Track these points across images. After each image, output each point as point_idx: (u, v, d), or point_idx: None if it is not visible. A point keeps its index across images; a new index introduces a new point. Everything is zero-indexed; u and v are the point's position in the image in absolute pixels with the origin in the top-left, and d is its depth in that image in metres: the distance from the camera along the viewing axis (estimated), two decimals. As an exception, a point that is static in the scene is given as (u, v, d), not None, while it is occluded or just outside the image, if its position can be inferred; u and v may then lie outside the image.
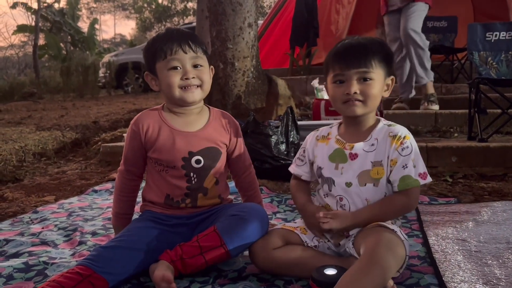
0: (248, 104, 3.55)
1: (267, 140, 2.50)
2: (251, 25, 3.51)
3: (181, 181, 1.38)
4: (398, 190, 1.21)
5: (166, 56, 1.34)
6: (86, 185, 2.59)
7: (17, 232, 1.74)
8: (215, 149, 1.42)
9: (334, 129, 1.35)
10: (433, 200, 2.01)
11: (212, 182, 1.41)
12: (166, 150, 1.37)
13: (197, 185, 1.39)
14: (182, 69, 1.35)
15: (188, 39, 1.36)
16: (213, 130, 1.42)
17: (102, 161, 3.24)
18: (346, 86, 1.23)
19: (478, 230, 1.58)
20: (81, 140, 4.09)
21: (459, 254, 1.37)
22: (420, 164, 1.22)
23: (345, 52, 1.25)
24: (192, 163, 1.38)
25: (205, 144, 1.40)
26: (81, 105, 7.59)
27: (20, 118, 5.75)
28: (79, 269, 1.16)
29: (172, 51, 1.33)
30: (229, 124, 1.47)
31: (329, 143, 1.33)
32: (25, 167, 3.29)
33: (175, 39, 1.34)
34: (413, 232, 1.60)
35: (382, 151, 1.23)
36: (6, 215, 2.06)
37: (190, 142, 1.38)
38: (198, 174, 1.39)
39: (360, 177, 1.23)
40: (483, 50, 3.07)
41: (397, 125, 1.27)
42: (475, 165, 2.58)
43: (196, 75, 1.36)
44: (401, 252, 1.10)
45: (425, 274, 1.23)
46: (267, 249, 1.25)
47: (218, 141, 1.42)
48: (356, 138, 1.28)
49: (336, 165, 1.28)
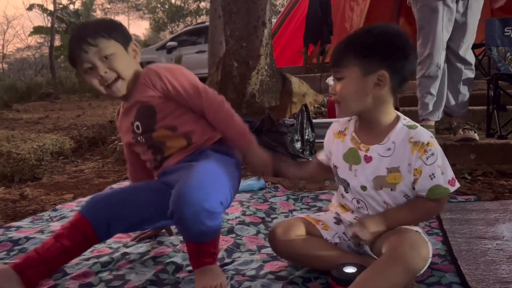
0: (262, 102, 3.55)
1: (282, 138, 2.50)
2: (265, 23, 3.51)
3: (139, 147, 1.43)
4: (427, 197, 1.15)
5: (76, 63, 1.33)
6: (103, 184, 2.62)
7: (37, 229, 1.77)
8: (143, 107, 1.36)
9: (352, 124, 1.27)
10: (453, 198, 1.98)
11: (162, 133, 1.36)
12: (122, 131, 1.48)
13: (149, 142, 1.38)
14: (94, 68, 1.31)
15: (85, 37, 1.30)
16: (139, 92, 1.37)
17: (119, 160, 3.27)
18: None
19: (500, 227, 1.55)
20: (97, 139, 4.14)
21: (481, 252, 1.35)
22: (448, 170, 1.14)
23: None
24: (136, 131, 1.39)
25: (136, 109, 1.38)
26: (97, 104, 7.69)
27: (38, 118, 5.84)
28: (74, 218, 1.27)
29: (77, 56, 1.31)
30: (151, 77, 1.36)
31: (344, 140, 1.26)
32: (43, 166, 3.34)
33: (74, 44, 1.31)
34: (433, 230, 1.58)
35: (400, 157, 1.13)
36: (27, 213, 2.09)
37: (128, 114, 1.41)
38: (144, 136, 1.38)
39: (375, 181, 1.17)
40: (502, 46, 3.01)
41: (419, 127, 1.16)
42: (494, 163, 2.53)
43: (108, 67, 1.31)
44: (425, 253, 1.06)
45: (446, 273, 1.21)
46: (289, 235, 1.24)
47: (145, 100, 1.35)
48: (371, 138, 1.19)
49: (350, 166, 1.22)
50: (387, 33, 1.15)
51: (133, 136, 1.41)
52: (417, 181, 1.13)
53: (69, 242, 1.23)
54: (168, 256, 1.41)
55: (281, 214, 1.87)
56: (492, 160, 2.54)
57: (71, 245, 1.24)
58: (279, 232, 1.25)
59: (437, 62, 2.62)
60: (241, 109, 3.46)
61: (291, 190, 2.24)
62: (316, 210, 1.90)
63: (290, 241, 1.23)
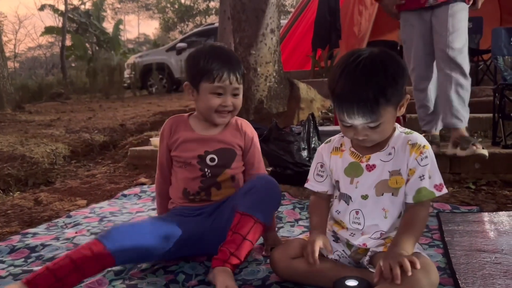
0: (270, 108, 3.61)
1: (289, 147, 2.54)
2: (273, 31, 3.56)
3: (196, 174, 1.51)
4: (413, 201, 1.19)
5: (213, 81, 1.44)
6: (115, 189, 2.69)
7: (53, 236, 1.84)
8: (230, 150, 1.55)
9: (347, 140, 1.30)
10: (455, 209, 2.02)
11: (226, 177, 1.53)
12: (185, 149, 1.53)
13: (211, 179, 1.51)
14: (223, 95, 1.47)
15: (236, 69, 1.47)
16: (229, 134, 1.56)
17: (130, 165, 3.35)
18: (355, 131, 1.18)
19: (500, 240, 1.59)
20: (109, 143, 4.23)
21: (479, 265, 1.38)
22: (437, 175, 1.19)
23: (347, 102, 1.12)
24: (206, 160, 1.51)
25: (220, 145, 1.53)
26: (107, 106, 7.79)
27: (50, 121, 5.95)
28: (92, 243, 1.27)
29: (221, 79, 1.44)
30: (245, 128, 1.59)
31: (343, 156, 1.29)
32: (56, 170, 3.43)
33: (225, 67, 1.45)
34: (434, 242, 1.62)
35: (400, 159, 1.20)
36: (42, 219, 2.17)
37: (208, 143, 1.53)
38: (212, 170, 1.51)
39: (377, 187, 1.22)
40: (508, 55, 3.03)
41: (414, 133, 1.24)
42: (499, 172, 2.56)
43: (233, 103, 1.49)
44: (435, 279, 1.08)
45: (444, 286, 1.25)
46: (287, 258, 1.28)
47: (233, 143, 1.55)
48: (372, 149, 1.24)
49: (351, 180, 1.26)
50: (394, 60, 1.16)
51: (199, 160, 1.51)
52: (408, 181, 1.19)
53: (88, 272, 1.27)
54: (178, 266, 1.47)
55: (287, 224, 1.92)
56: (497, 170, 2.57)
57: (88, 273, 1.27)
58: (278, 256, 1.30)
59: (421, 74, 2.65)
60: (249, 115, 3.52)
61: (298, 198, 2.29)
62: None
63: (289, 263, 1.28)
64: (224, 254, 1.32)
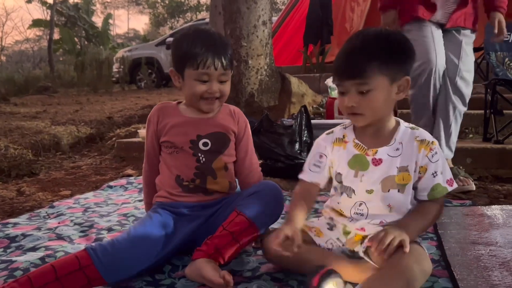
0: (261, 102, 3.56)
1: (280, 139, 2.50)
2: (265, 23, 3.51)
3: (190, 160, 1.43)
4: (428, 199, 1.17)
5: (197, 68, 1.36)
6: (101, 181, 2.62)
7: (34, 226, 1.78)
8: (222, 134, 1.46)
9: (349, 131, 1.25)
10: (448, 202, 2.00)
11: (220, 165, 1.45)
12: (176, 133, 1.44)
13: (205, 165, 1.43)
14: (209, 82, 1.39)
15: (221, 53, 1.37)
16: (221, 118, 1.48)
17: (117, 157, 3.28)
18: (346, 98, 1.14)
19: (494, 233, 1.57)
20: (95, 135, 4.14)
21: (474, 257, 1.36)
22: (447, 170, 1.17)
23: (340, 60, 1.15)
24: (199, 145, 1.43)
25: (213, 129, 1.45)
26: (95, 100, 7.67)
27: (36, 112, 5.83)
28: (80, 254, 1.15)
29: (204, 65, 1.36)
30: (238, 114, 1.53)
31: (346, 147, 1.24)
32: (40, 161, 3.34)
33: (210, 52, 1.36)
34: (428, 235, 1.59)
35: (408, 155, 1.16)
36: (24, 209, 2.10)
37: (199, 127, 1.44)
38: (206, 156, 1.43)
39: (384, 183, 1.17)
40: (500, 51, 3.03)
41: (420, 128, 1.20)
42: (490, 167, 2.55)
43: (219, 89, 1.41)
44: (428, 268, 1.06)
45: (439, 278, 1.22)
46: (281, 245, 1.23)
47: (227, 128, 1.47)
48: (377, 142, 1.19)
49: (356, 172, 1.20)
50: (401, 37, 1.16)
51: (191, 146, 1.43)
52: (421, 179, 1.16)
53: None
54: (164, 256, 1.42)
55: (277, 216, 1.88)
56: (488, 165, 2.56)
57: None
58: (270, 242, 1.19)
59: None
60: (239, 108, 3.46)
61: (289, 191, 2.25)
62: (313, 212, 1.90)
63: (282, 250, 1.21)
64: (210, 248, 1.25)
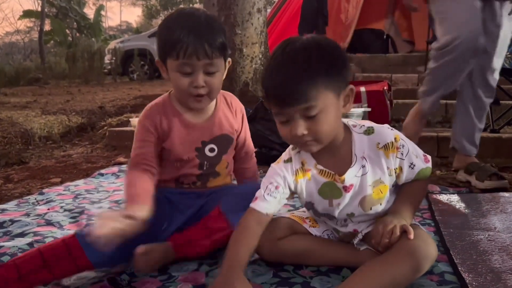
0: (255, 91, 3.52)
1: (275, 127, 2.46)
2: (260, 10, 3.46)
3: (194, 169, 1.33)
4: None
5: (178, 57, 1.18)
6: (92, 169, 2.57)
7: (23, 212, 1.73)
8: (227, 136, 1.37)
9: (307, 156, 1.10)
10: (444, 190, 1.98)
11: (223, 165, 1.38)
12: (180, 143, 1.30)
13: (209, 170, 1.35)
14: (193, 74, 1.21)
15: (204, 42, 1.17)
16: (223, 116, 1.37)
17: (108, 146, 3.23)
18: (292, 126, 0.99)
19: (492, 219, 1.55)
20: (87, 124, 4.08)
21: (473, 242, 1.34)
22: (419, 151, 1.12)
23: (276, 87, 0.97)
24: (205, 151, 1.33)
25: (217, 132, 1.35)
26: (86, 90, 7.58)
27: (26, 102, 5.74)
28: (69, 240, 1.10)
29: (185, 55, 1.17)
30: (235, 106, 1.42)
31: (312, 177, 1.10)
32: (30, 150, 3.28)
33: (190, 40, 1.16)
34: (425, 221, 1.57)
35: (378, 168, 1.07)
36: (12, 196, 2.05)
37: (202, 131, 1.32)
38: (211, 162, 1.35)
39: (363, 204, 1.10)
40: (497, 40, 3.00)
41: (375, 129, 1.08)
42: (486, 156, 2.53)
43: (206, 82, 1.22)
44: (434, 249, 1.02)
45: (438, 262, 1.20)
46: (272, 240, 1.17)
47: (230, 128, 1.37)
48: (339, 164, 1.07)
49: (330, 201, 1.11)
50: (330, 41, 1.03)
51: (197, 154, 1.31)
52: (400, 176, 1.11)
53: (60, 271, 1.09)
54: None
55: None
56: (485, 154, 2.54)
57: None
58: (262, 239, 1.09)
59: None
60: (233, 97, 3.42)
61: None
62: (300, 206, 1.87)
63: (275, 244, 1.17)
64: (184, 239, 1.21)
